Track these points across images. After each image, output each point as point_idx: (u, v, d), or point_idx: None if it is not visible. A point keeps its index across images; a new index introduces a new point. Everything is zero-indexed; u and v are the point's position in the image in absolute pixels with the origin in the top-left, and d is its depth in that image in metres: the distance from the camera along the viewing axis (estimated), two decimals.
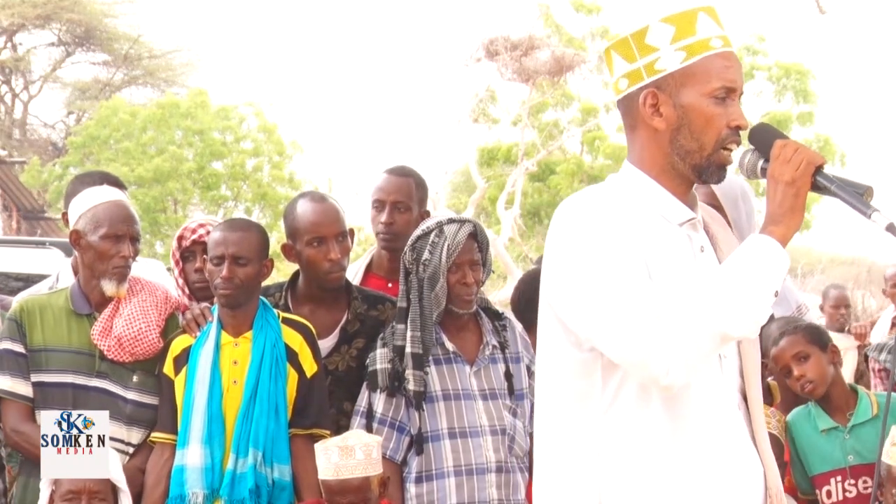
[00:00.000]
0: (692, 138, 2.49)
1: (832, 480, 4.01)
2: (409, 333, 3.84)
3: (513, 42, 20.70)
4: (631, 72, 2.53)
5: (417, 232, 3.95)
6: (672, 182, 2.53)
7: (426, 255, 3.85)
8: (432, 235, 3.88)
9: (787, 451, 4.18)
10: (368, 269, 4.56)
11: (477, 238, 3.93)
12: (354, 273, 4.50)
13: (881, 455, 3.96)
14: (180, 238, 4.28)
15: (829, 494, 4.03)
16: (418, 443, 3.82)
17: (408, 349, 3.83)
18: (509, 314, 4.12)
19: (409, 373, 3.82)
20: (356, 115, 52.44)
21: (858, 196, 2.41)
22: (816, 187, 2.43)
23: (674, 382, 2.36)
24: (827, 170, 2.46)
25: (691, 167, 2.50)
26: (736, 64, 2.51)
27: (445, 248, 3.84)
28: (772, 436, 3.87)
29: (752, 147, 2.51)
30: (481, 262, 3.93)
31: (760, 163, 2.48)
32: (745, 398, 2.56)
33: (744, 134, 2.54)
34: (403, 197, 4.44)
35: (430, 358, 3.86)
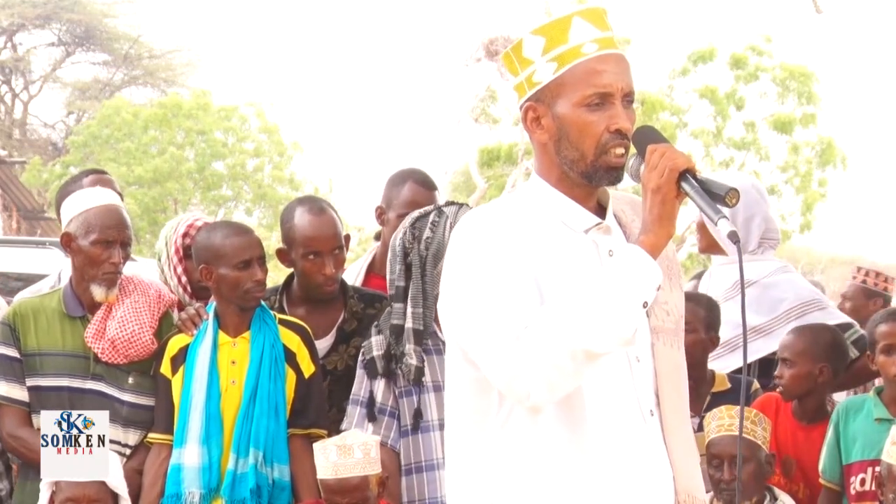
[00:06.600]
0: (572, 148, 2.45)
1: (869, 469, 3.95)
2: (409, 310, 3.77)
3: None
4: (517, 85, 2.52)
5: (415, 214, 3.88)
6: (571, 189, 2.50)
7: (427, 233, 3.79)
8: (432, 216, 3.84)
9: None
10: (370, 269, 4.51)
11: None
12: (356, 273, 4.47)
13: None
14: (185, 235, 4.20)
15: (862, 482, 3.97)
16: (415, 419, 3.76)
17: (408, 325, 3.76)
18: None
19: (409, 348, 3.75)
20: (356, 116, 52.59)
21: (717, 199, 2.33)
22: (684, 193, 2.36)
23: (537, 403, 2.33)
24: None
25: (579, 174, 2.47)
26: (613, 66, 2.43)
27: (448, 225, 3.78)
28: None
29: (636, 152, 2.46)
30: None
31: (642, 168, 2.41)
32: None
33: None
34: None
35: (428, 345, 3.79)
